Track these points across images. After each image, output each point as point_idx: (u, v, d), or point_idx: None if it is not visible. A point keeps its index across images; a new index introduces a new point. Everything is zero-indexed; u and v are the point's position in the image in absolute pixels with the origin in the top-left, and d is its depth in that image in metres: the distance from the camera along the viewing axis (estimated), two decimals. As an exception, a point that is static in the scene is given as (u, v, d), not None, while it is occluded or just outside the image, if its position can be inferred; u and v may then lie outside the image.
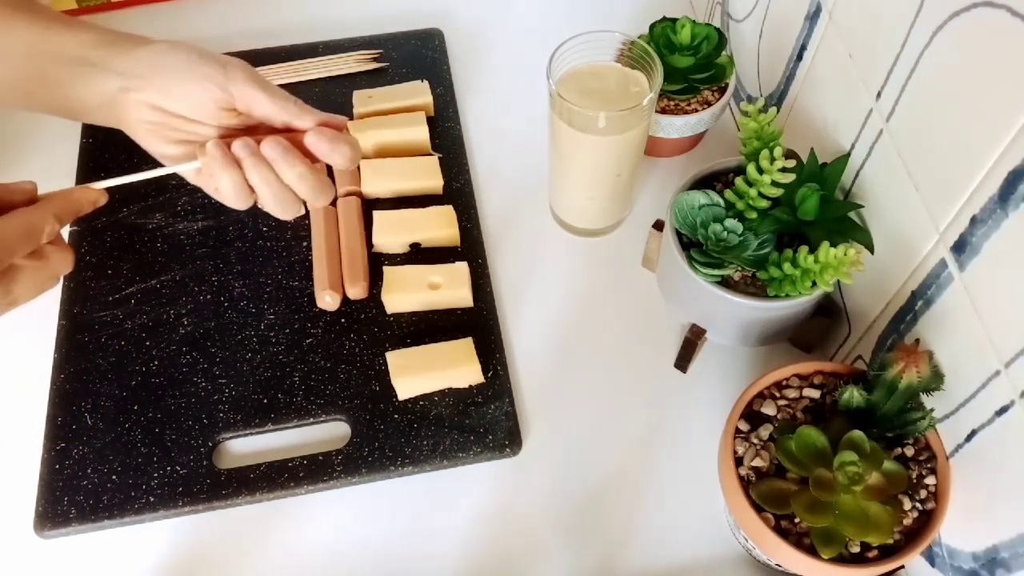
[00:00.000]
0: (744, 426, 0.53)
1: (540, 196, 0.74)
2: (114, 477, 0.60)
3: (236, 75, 0.49)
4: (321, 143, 0.49)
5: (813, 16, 0.60)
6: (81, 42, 0.49)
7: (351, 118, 0.76)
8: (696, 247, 0.58)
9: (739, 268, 0.57)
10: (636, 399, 0.64)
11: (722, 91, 0.72)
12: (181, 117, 0.49)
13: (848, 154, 0.57)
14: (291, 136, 0.50)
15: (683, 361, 0.64)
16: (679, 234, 0.59)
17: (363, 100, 0.76)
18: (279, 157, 0.48)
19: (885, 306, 0.56)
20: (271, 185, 0.49)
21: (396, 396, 0.63)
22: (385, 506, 0.60)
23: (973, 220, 0.45)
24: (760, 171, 0.55)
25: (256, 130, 0.51)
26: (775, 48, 0.67)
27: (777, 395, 0.54)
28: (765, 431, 0.52)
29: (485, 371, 0.63)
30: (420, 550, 0.59)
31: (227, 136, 0.50)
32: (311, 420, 0.62)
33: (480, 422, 0.62)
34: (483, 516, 0.60)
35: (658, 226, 0.66)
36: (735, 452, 0.52)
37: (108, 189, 0.48)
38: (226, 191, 0.49)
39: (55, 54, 0.49)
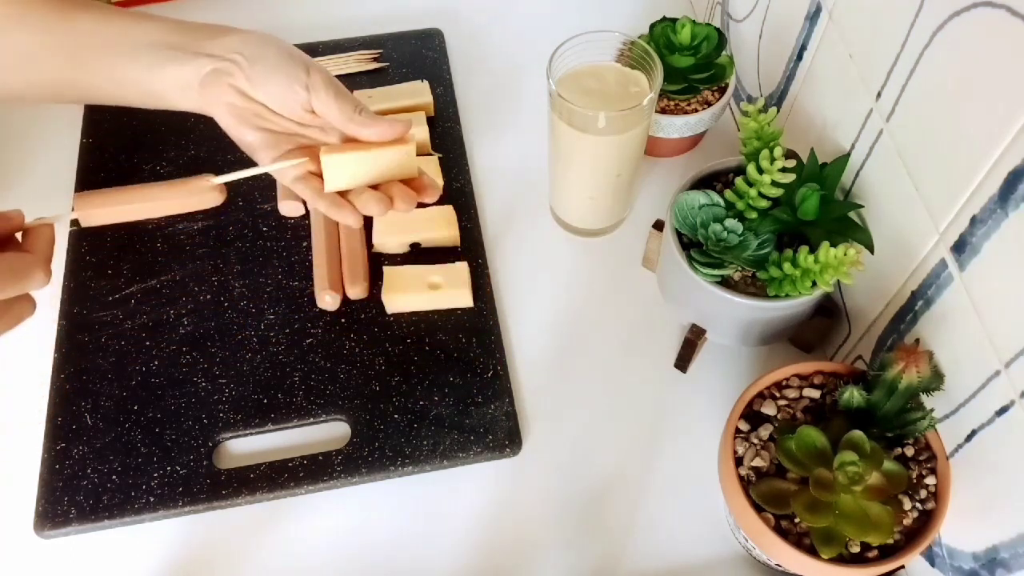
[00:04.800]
0: (744, 426, 0.53)
1: (540, 196, 0.74)
2: (114, 477, 0.60)
3: (317, 81, 0.51)
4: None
5: (813, 16, 0.60)
6: (162, 29, 0.51)
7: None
8: (696, 247, 0.58)
9: (739, 268, 0.57)
10: (636, 399, 0.64)
11: (722, 91, 0.72)
12: (265, 107, 0.51)
13: (848, 154, 0.57)
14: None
15: (683, 361, 0.64)
16: (679, 234, 0.59)
17: (363, 100, 0.76)
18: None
19: (885, 306, 0.56)
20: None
21: (396, 396, 0.63)
22: (385, 506, 0.60)
23: (973, 220, 0.45)
24: (760, 171, 0.55)
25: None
26: (775, 48, 0.67)
27: (777, 395, 0.54)
28: (765, 431, 0.52)
29: (485, 371, 0.63)
30: (420, 550, 0.59)
31: (304, 136, 0.53)
32: (311, 420, 0.62)
33: (480, 422, 0.62)
34: (483, 516, 0.60)
35: (658, 226, 0.66)
36: (735, 452, 0.52)
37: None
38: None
39: (135, 41, 0.50)
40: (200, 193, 0.50)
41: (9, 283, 0.42)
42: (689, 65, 0.68)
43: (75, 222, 0.49)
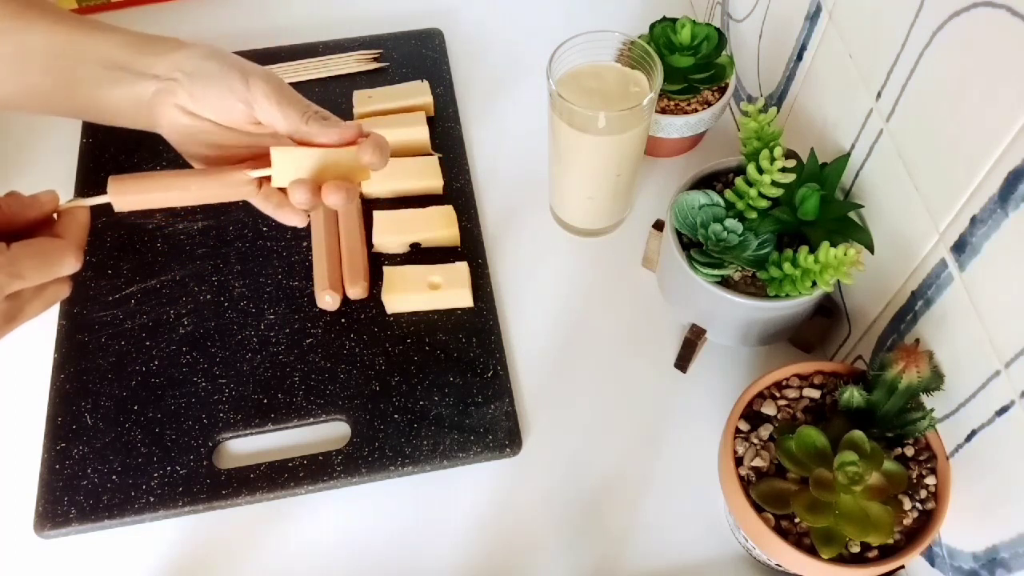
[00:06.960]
0: (744, 426, 0.53)
1: (540, 196, 0.74)
2: (114, 477, 0.60)
3: (257, 93, 0.48)
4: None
5: (813, 16, 0.60)
6: (112, 44, 0.49)
7: (351, 118, 0.76)
8: (696, 247, 0.58)
9: (739, 268, 0.57)
10: (636, 399, 0.64)
11: (722, 91, 0.72)
12: (212, 122, 0.50)
13: (848, 154, 0.57)
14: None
15: (683, 361, 0.64)
16: (679, 234, 0.59)
17: (363, 100, 0.76)
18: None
19: (885, 306, 0.56)
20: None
21: (396, 396, 0.63)
22: (385, 506, 0.60)
23: (973, 220, 0.45)
24: (760, 171, 0.55)
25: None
26: (775, 48, 0.67)
27: (777, 395, 0.54)
28: (765, 431, 0.52)
29: (485, 371, 0.63)
30: (420, 550, 0.59)
31: (257, 146, 0.51)
32: (311, 420, 0.62)
33: (480, 422, 0.62)
34: (483, 516, 0.60)
35: (658, 226, 0.66)
36: (735, 452, 0.52)
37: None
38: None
39: (84, 56, 0.49)
40: (235, 186, 0.49)
41: (40, 269, 0.42)
42: (689, 65, 0.68)
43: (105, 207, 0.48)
